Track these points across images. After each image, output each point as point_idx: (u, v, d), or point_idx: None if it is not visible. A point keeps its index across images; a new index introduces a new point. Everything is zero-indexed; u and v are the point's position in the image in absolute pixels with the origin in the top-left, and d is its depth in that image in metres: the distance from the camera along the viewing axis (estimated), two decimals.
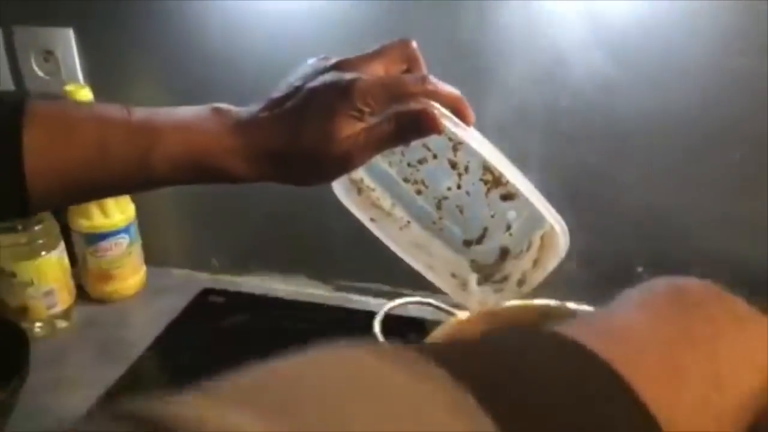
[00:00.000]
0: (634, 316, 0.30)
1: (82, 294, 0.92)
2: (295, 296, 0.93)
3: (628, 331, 0.29)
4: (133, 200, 0.91)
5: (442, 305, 0.62)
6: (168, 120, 0.47)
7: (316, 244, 0.93)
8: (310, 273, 0.95)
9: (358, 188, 0.53)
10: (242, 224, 0.96)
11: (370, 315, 0.79)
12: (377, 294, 0.91)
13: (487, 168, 0.50)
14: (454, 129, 0.47)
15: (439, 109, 0.46)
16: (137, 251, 0.93)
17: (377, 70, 0.48)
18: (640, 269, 0.78)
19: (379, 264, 0.91)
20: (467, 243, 0.54)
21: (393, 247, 0.54)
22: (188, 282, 0.96)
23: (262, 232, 0.95)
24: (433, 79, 0.48)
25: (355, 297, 0.92)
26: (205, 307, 0.92)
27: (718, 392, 0.28)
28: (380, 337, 0.57)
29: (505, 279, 0.53)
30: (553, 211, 0.49)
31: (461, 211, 0.52)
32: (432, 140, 0.49)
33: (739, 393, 0.29)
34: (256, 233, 0.96)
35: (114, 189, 0.53)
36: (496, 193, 0.50)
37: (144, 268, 0.95)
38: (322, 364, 0.23)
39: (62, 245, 0.86)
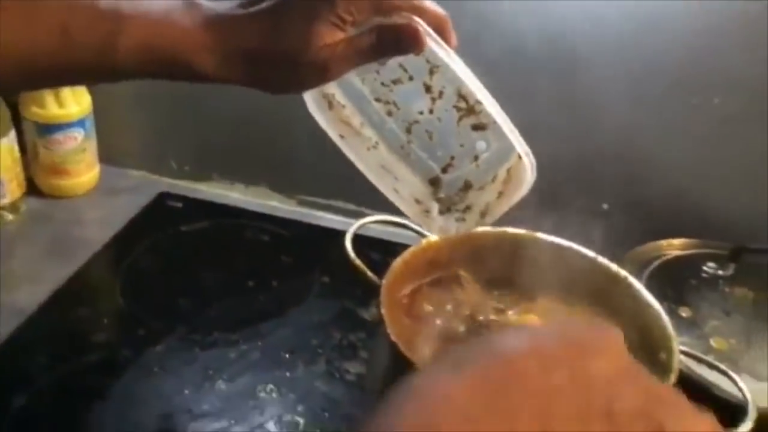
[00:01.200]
0: None
1: (31, 187, 0.88)
2: (257, 207, 0.91)
3: None
4: (90, 93, 0.87)
5: (412, 225, 0.61)
6: (136, 8, 0.44)
7: (281, 156, 0.91)
8: (273, 185, 0.93)
9: (329, 102, 0.52)
10: (205, 128, 0.92)
11: (335, 232, 0.79)
12: (340, 211, 0.90)
13: (461, 95, 0.49)
14: (436, 49, 0.45)
15: (423, 27, 0.44)
16: (92, 147, 0.89)
17: None
18: (605, 206, 0.79)
19: (343, 182, 0.89)
20: (434, 178, 0.53)
21: (360, 167, 0.52)
22: (144, 184, 0.93)
23: (226, 138, 0.92)
24: None
25: (319, 213, 0.91)
26: (161, 211, 0.89)
27: None
28: (351, 254, 0.56)
29: (468, 209, 0.52)
30: (524, 143, 0.48)
31: (430, 137, 0.52)
32: (409, 60, 0.48)
33: None
34: (219, 139, 0.93)
35: (76, 77, 0.50)
36: (467, 122, 0.50)
37: (98, 165, 0.92)
38: None
39: (13, 133, 0.82)
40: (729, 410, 0.49)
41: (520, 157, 0.47)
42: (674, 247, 0.72)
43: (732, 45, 0.69)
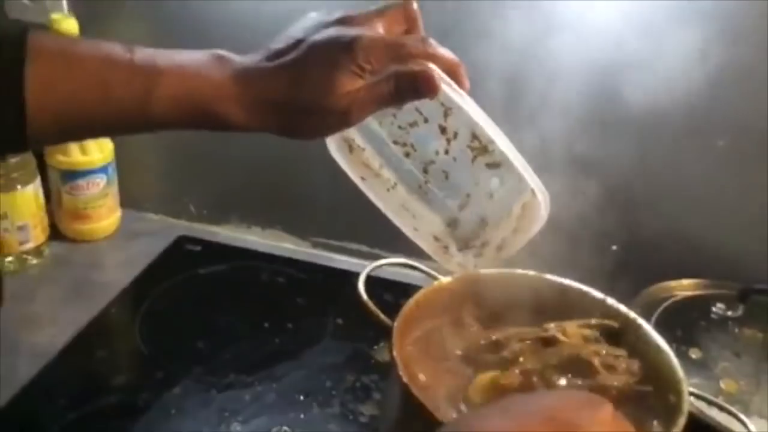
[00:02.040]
0: None
1: (54, 232, 0.90)
2: (273, 250, 0.93)
3: None
4: (112, 140, 0.90)
5: (424, 268, 0.62)
6: (170, 63, 0.47)
7: (296, 199, 0.93)
8: (287, 227, 0.95)
9: (350, 146, 0.54)
10: (222, 172, 0.95)
11: (348, 274, 0.80)
12: (354, 254, 0.92)
13: (475, 136, 0.51)
14: (450, 93, 0.47)
15: (437, 72, 0.47)
16: (114, 192, 0.92)
17: (378, 28, 0.48)
18: (614, 248, 0.80)
19: (357, 224, 0.92)
20: (451, 216, 0.55)
21: (381, 207, 0.54)
22: (164, 228, 0.95)
23: (242, 182, 0.94)
24: (432, 41, 0.48)
25: (333, 255, 0.93)
26: (180, 255, 0.91)
27: None
28: (364, 296, 0.57)
29: (484, 245, 0.54)
30: (537, 180, 0.50)
31: (446, 177, 0.53)
32: (424, 104, 0.50)
33: None
34: (235, 183, 0.95)
35: (112, 129, 0.52)
36: (482, 161, 0.51)
37: (119, 210, 0.94)
38: None
39: (38, 180, 0.85)
40: None
41: (534, 192, 0.49)
42: (683, 287, 0.72)
43: (735, 89, 0.71)
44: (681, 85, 0.71)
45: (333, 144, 0.53)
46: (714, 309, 0.68)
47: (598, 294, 0.61)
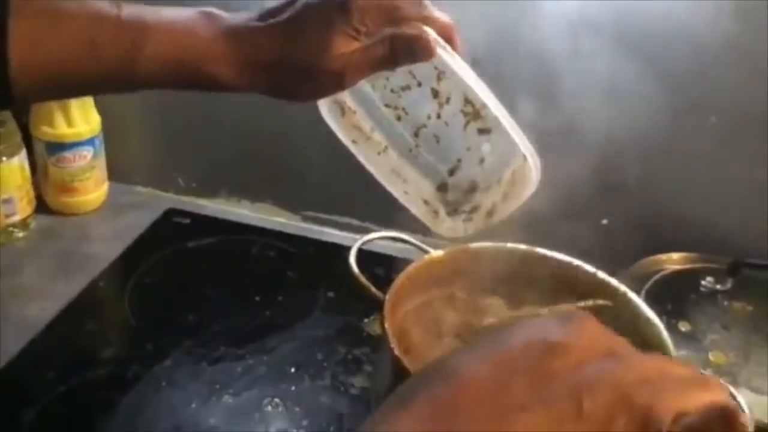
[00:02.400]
0: None
1: (40, 205, 0.89)
2: (263, 223, 0.92)
3: None
4: (99, 112, 0.89)
5: (416, 242, 0.62)
6: (158, 19, 0.46)
7: (286, 173, 0.92)
8: (277, 201, 0.94)
9: (341, 109, 0.54)
10: (212, 145, 0.94)
11: (340, 247, 0.80)
12: (345, 227, 0.92)
13: (468, 100, 0.51)
14: (444, 57, 0.47)
15: (433, 35, 0.46)
16: (101, 165, 0.91)
17: None
18: (605, 222, 0.80)
19: (348, 198, 0.91)
20: (441, 181, 0.54)
21: (371, 170, 0.54)
22: (152, 201, 0.95)
23: (232, 155, 0.94)
24: (428, 3, 0.48)
25: (324, 229, 0.92)
26: (169, 228, 0.90)
27: None
28: (355, 270, 0.57)
29: (474, 210, 0.54)
30: (529, 145, 0.50)
31: (437, 141, 0.53)
32: (418, 67, 0.50)
33: None
34: (225, 156, 0.94)
35: (99, 87, 0.52)
36: (473, 126, 0.51)
37: (107, 183, 0.93)
38: None
39: (24, 152, 0.84)
40: None
41: (525, 158, 0.49)
42: (673, 261, 0.73)
43: (729, 65, 0.71)
44: (672, 62, 0.71)
45: (324, 106, 0.53)
46: (703, 282, 0.69)
47: (589, 268, 0.61)
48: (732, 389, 0.53)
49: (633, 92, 0.73)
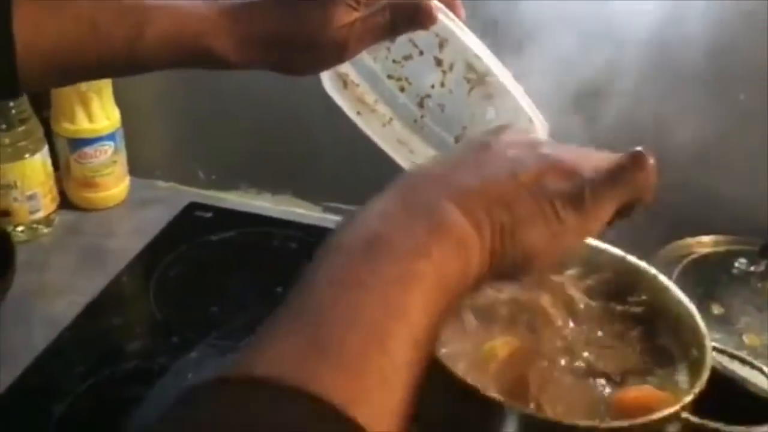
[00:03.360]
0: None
1: (63, 201, 0.90)
2: (283, 215, 0.92)
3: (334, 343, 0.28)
4: (119, 107, 0.89)
5: None
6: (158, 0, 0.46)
7: (306, 164, 0.92)
8: (297, 192, 0.94)
9: (344, 82, 0.54)
10: (231, 138, 0.94)
11: None
12: None
13: (471, 66, 0.50)
14: (446, 23, 0.47)
15: (434, 2, 0.46)
16: (122, 160, 0.91)
17: None
18: None
19: (368, 188, 0.90)
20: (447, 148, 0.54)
21: (377, 141, 0.54)
22: (173, 195, 0.95)
23: (251, 147, 0.93)
24: None
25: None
26: (191, 222, 0.91)
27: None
28: None
29: None
30: (535, 109, 0.49)
31: (442, 110, 0.53)
32: (419, 36, 0.50)
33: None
34: (244, 148, 0.94)
35: (104, 70, 0.52)
36: (478, 93, 0.51)
37: (128, 178, 0.93)
38: None
39: (46, 149, 0.84)
40: (762, 406, 0.49)
41: (531, 121, 0.48)
42: (704, 244, 0.71)
43: (756, 40, 0.69)
44: (700, 36, 0.70)
45: (327, 80, 0.53)
46: (736, 264, 0.67)
47: (617, 251, 0.60)
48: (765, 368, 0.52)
49: (657, 67, 0.72)
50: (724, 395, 0.52)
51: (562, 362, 0.54)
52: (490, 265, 0.34)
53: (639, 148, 0.37)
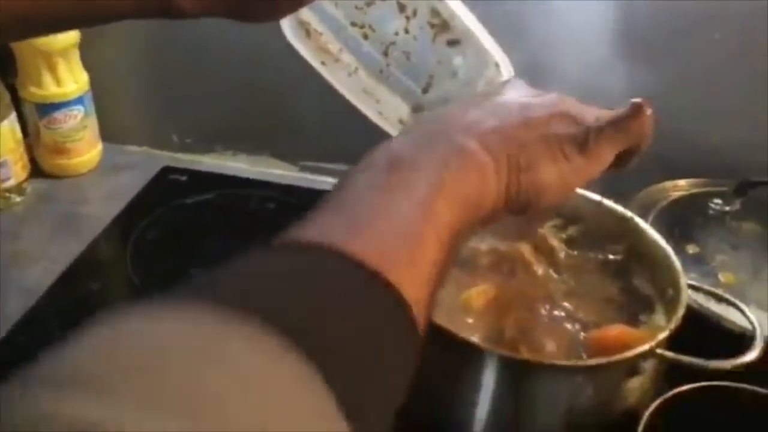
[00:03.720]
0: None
1: (35, 169, 0.88)
2: (261, 176, 0.91)
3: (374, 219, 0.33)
4: (88, 71, 0.87)
5: None
6: None
7: (282, 124, 0.90)
8: (274, 152, 0.93)
9: (306, 31, 0.52)
10: (205, 100, 0.92)
11: None
12: (342, 175, 0.90)
13: (435, 11, 0.50)
14: None
15: None
16: (93, 125, 0.89)
17: None
18: None
19: (347, 146, 0.89)
20: (416, 101, 0.54)
21: (343, 92, 0.53)
22: (147, 160, 0.93)
23: (226, 109, 0.92)
24: None
25: (323, 178, 0.91)
26: (166, 186, 0.89)
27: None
28: None
29: None
30: (501, 52, 0.49)
31: (408, 58, 0.52)
32: None
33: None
34: (219, 111, 0.92)
35: (58, 20, 0.50)
36: (443, 38, 0.50)
37: (100, 143, 0.92)
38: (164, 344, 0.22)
39: (14, 115, 0.82)
40: (737, 341, 0.49)
41: (497, 65, 0.48)
42: (680, 188, 0.71)
43: None
44: None
45: (288, 29, 0.51)
46: (711, 205, 0.68)
47: (593, 196, 0.60)
48: (743, 306, 0.52)
49: (635, 13, 0.71)
50: (700, 333, 0.52)
51: (542, 311, 0.54)
52: (505, 200, 0.37)
53: (638, 99, 0.40)
